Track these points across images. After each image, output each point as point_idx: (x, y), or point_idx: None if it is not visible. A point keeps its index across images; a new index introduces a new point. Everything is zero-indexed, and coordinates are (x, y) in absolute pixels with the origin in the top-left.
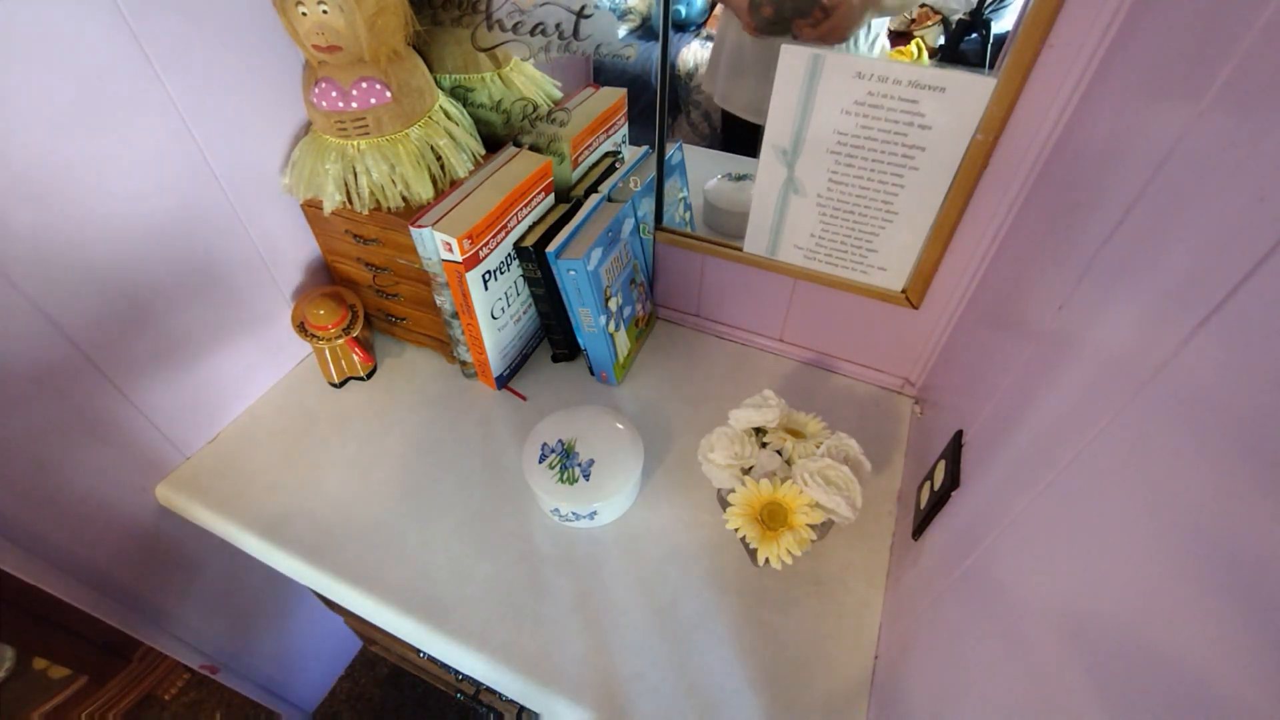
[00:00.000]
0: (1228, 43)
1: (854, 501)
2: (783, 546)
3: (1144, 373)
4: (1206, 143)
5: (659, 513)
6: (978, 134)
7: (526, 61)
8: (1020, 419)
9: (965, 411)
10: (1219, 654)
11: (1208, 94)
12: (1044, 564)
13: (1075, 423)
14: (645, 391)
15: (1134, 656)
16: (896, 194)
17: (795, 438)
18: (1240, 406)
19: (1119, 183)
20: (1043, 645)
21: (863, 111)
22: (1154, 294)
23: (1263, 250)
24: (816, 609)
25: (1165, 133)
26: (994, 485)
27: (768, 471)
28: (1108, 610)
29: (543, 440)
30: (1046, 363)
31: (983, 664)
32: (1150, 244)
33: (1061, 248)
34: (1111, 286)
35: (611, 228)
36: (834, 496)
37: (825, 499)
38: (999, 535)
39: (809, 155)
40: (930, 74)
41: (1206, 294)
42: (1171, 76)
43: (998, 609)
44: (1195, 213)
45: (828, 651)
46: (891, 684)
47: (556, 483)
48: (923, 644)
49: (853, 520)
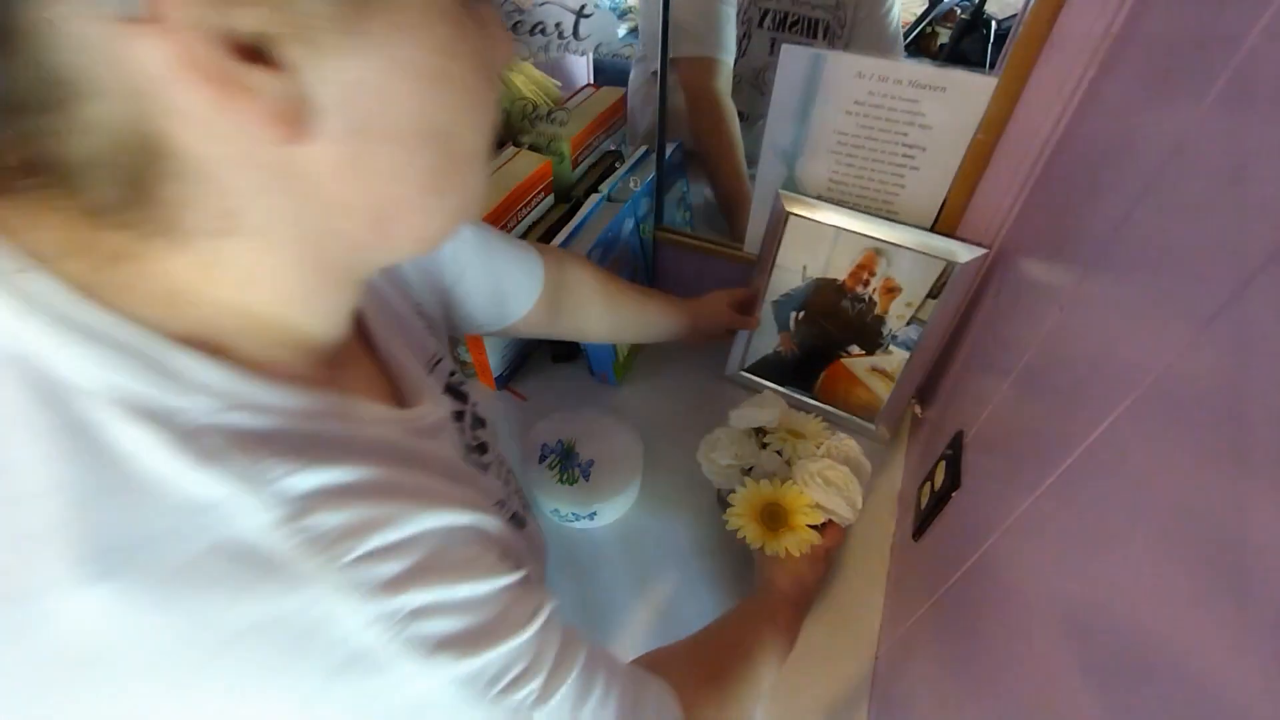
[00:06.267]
0: (1230, 42)
1: (854, 502)
2: (783, 546)
3: (1146, 373)
4: (1208, 143)
5: (659, 513)
6: (978, 134)
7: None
8: (1021, 419)
9: (966, 411)
10: (1219, 654)
11: (1210, 94)
12: (1045, 565)
13: (1076, 423)
14: (645, 391)
15: (1135, 657)
16: (897, 194)
17: (795, 438)
18: (1242, 407)
19: (1120, 183)
20: (1044, 646)
21: (863, 111)
22: (1156, 294)
23: (1265, 251)
24: (817, 609)
25: (1167, 133)
26: (995, 486)
27: (768, 472)
28: (1109, 611)
29: (542, 441)
30: (1047, 363)
31: (983, 664)
32: (1152, 244)
33: (1062, 248)
34: (1112, 287)
35: (611, 228)
36: (834, 497)
37: (825, 499)
38: (1000, 536)
39: (809, 154)
40: (931, 74)
41: (1209, 295)
42: (1173, 76)
43: (999, 610)
44: (1197, 213)
45: (828, 651)
46: (892, 684)
47: (556, 483)
48: (923, 644)
49: (853, 521)
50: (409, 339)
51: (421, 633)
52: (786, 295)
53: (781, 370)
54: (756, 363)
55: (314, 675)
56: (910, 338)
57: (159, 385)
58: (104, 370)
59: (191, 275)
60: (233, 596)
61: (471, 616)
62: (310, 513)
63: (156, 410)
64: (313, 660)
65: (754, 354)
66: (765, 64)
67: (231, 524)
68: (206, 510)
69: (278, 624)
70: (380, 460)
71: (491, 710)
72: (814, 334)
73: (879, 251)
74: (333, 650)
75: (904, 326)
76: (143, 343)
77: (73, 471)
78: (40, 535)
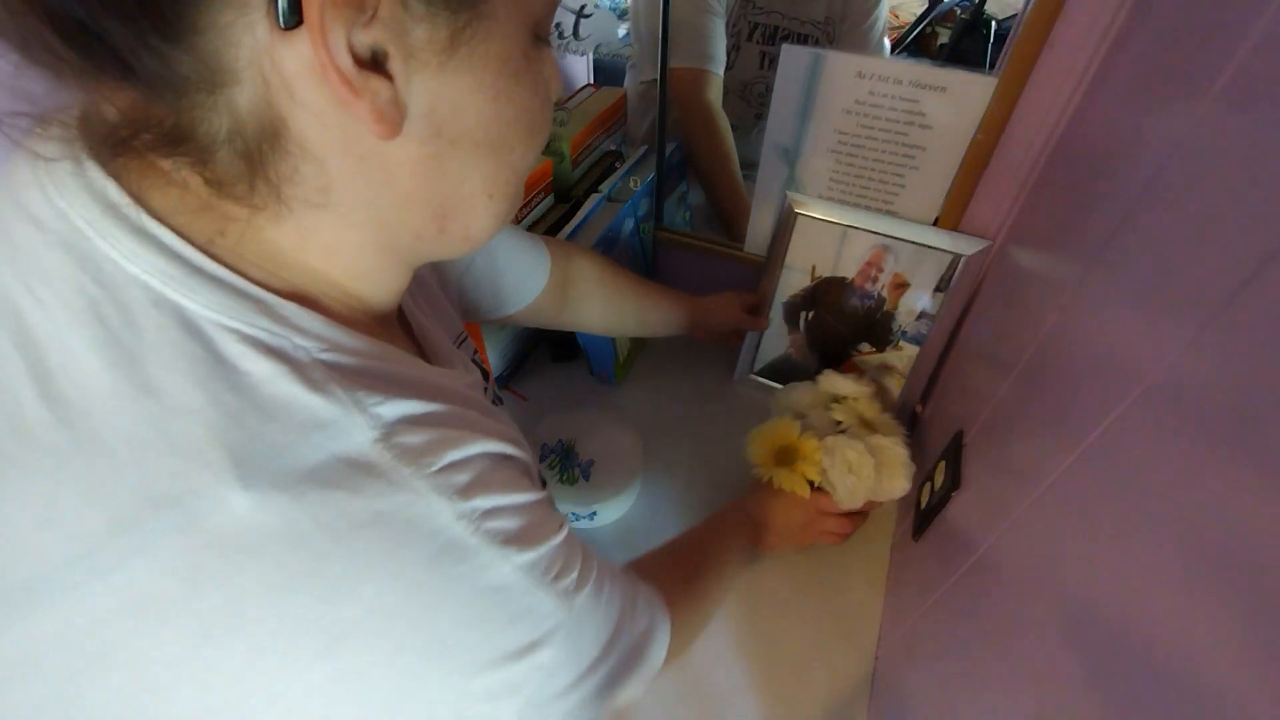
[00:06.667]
0: (1230, 42)
1: (855, 494)
2: (769, 475)
3: (1146, 372)
4: (1208, 143)
5: (659, 513)
6: (978, 134)
7: None
8: (1021, 419)
9: (966, 411)
10: (1219, 654)
11: (1210, 94)
12: (1045, 564)
13: (1076, 423)
14: (645, 391)
15: (1135, 657)
16: (897, 194)
17: (863, 424)
18: (1242, 407)
19: (1120, 183)
20: (1044, 645)
21: (863, 111)
22: (1156, 294)
23: (1265, 251)
24: (817, 609)
25: (1167, 133)
26: (995, 486)
27: (816, 430)
28: (1109, 610)
29: (542, 440)
30: (1047, 363)
31: (983, 665)
32: (1152, 244)
33: (1062, 248)
34: (1112, 287)
35: (611, 228)
36: (842, 476)
37: (832, 471)
38: (1000, 536)
39: (810, 154)
40: (931, 73)
41: (1209, 295)
42: (1174, 76)
43: (999, 610)
44: (1198, 214)
45: (828, 651)
46: (892, 684)
47: (556, 483)
48: (924, 645)
49: (841, 506)
50: (440, 318)
51: (493, 528)
52: (796, 296)
53: (792, 372)
54: (766, 365)
55: (418, 562)
56: (920, 332)
57: (272, 328)
58: (232, 312)
59: (289, 242)
60: (350, 494)
61: (524, 519)
62: (399, 433)
63: (273, 347)
64: (416, 549)
65: (764, 357)
66: (754, 77)
67: (343, 439)
68: (324, 427)
69: (386, 517)
70: (439, 398)
71: (549, 591)
72: (824, 333)
73: (887, 248)
74: (431, 540)
75: (913, 321)
76: (258, 293)
77: (217, 394)
78: (197, 445)
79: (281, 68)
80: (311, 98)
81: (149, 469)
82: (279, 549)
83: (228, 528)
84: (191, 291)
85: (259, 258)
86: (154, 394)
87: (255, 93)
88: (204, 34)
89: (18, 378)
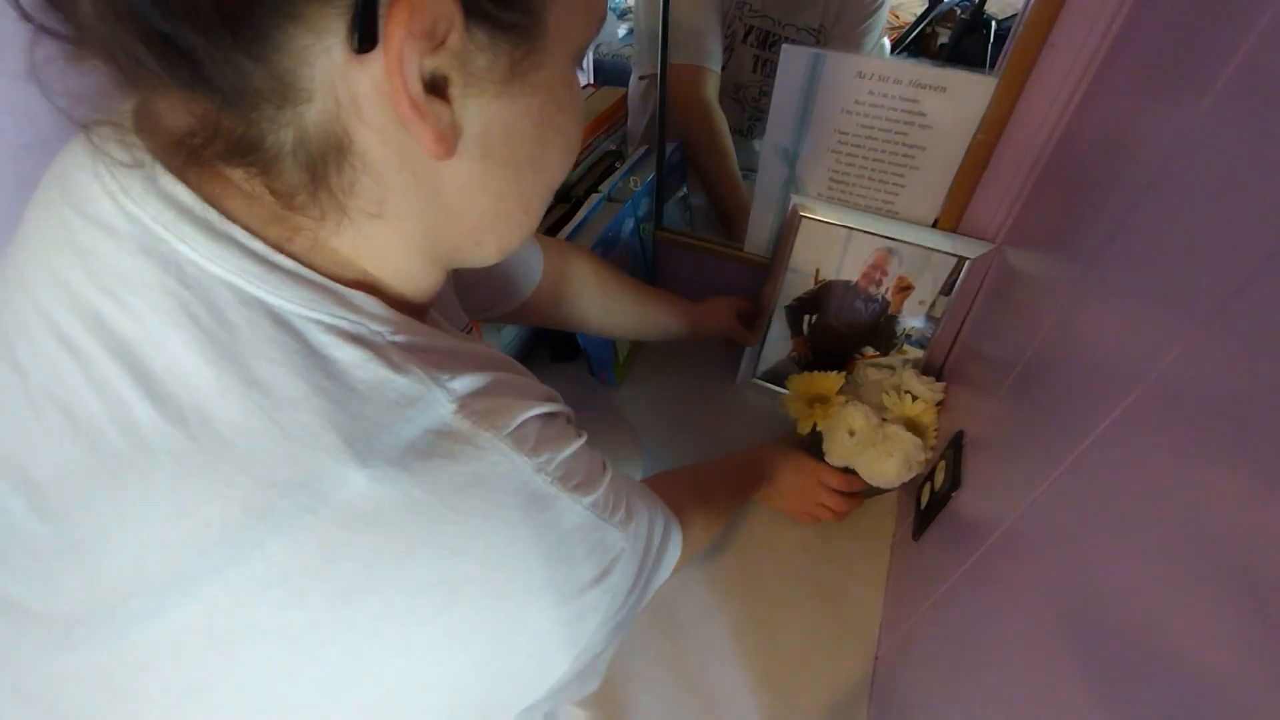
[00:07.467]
0: (1230, 42)
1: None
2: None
3: (1146, 372)
4: (1208, 143)
5: None
6: (978, 134)
7: None
8: (1021, 419)
9: (966, 411)
10: (1220, 654)
11: (1210, 94)
12: (1045, 564)
13: (1077, 423)
14: (645, 391)
15: (1135, 657)
16: (897, 193)
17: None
18: (1242, 406)
19: (1120, 183)
20: (1044, 645)
21: (864, 110)
22: (1156, 294)
23: (1265, 251)
24: (816, 609)
25: (1167, 133)
26: (995, 485)
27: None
28: (1109, 610)
29: None
30: (1047, 363)
31: (984, 664)
32: (1152, 244)
33: (1062, 248)
34: (1113, 287)
35: (611, 228)
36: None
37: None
38: (1000, 536)
39: (810, 154)
40: (931, 74)
41: (1209, 295)
42: (1174, 76)
43: (999, 609)
44: (1198, 214)
45: (828, 651)
46: (892, 685)
47: None
48: (923, 645)
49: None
50: (450, 312)
51: (563, 476)
52: (799, 299)
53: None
54: (769, 369)
55: (513, 513)
56: (925, 335)
57: (349, 316)
58: (313, 305)
59: (349, 249)
60: (447, 461)
61: (582, 465)
62: (472, 403)
63: (354, 334)
64: (510, 502)
65: (766, 361)
66: (747, 80)
67: (430, 413)
68: (413, 404)
69: (482, 478)
70: (489, 367)
71: (611, 524)
72: (828, 337)
73: (891, 251)
74: (520, 492)
75: (918, 325)
76: (332, 285)
77: (317, 382)
78: (310, 431)
79: (353, 88)
80: (377, 117)
81: (270, 457)
82: (398, 517)
83: (352, 503)
84: (275, 288)
85: (324, 260)
86: (260, 387)
87: (324, 109)
88: (282, 52)
89: (122, 383)
